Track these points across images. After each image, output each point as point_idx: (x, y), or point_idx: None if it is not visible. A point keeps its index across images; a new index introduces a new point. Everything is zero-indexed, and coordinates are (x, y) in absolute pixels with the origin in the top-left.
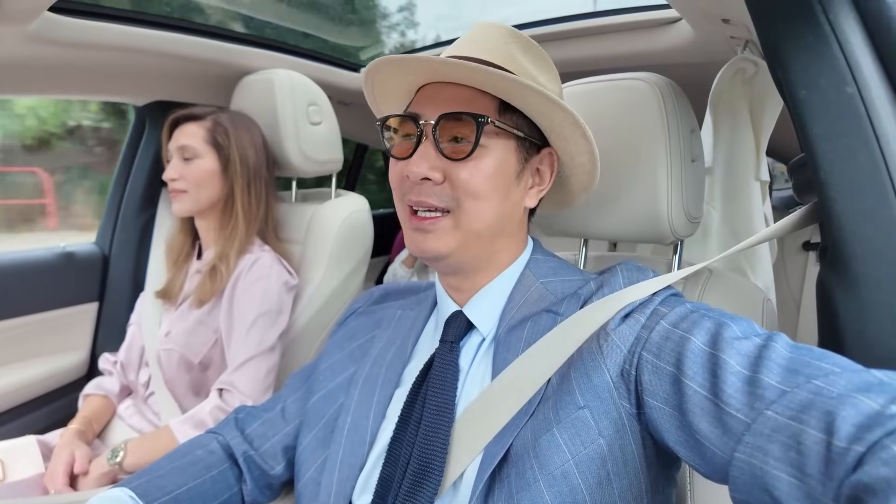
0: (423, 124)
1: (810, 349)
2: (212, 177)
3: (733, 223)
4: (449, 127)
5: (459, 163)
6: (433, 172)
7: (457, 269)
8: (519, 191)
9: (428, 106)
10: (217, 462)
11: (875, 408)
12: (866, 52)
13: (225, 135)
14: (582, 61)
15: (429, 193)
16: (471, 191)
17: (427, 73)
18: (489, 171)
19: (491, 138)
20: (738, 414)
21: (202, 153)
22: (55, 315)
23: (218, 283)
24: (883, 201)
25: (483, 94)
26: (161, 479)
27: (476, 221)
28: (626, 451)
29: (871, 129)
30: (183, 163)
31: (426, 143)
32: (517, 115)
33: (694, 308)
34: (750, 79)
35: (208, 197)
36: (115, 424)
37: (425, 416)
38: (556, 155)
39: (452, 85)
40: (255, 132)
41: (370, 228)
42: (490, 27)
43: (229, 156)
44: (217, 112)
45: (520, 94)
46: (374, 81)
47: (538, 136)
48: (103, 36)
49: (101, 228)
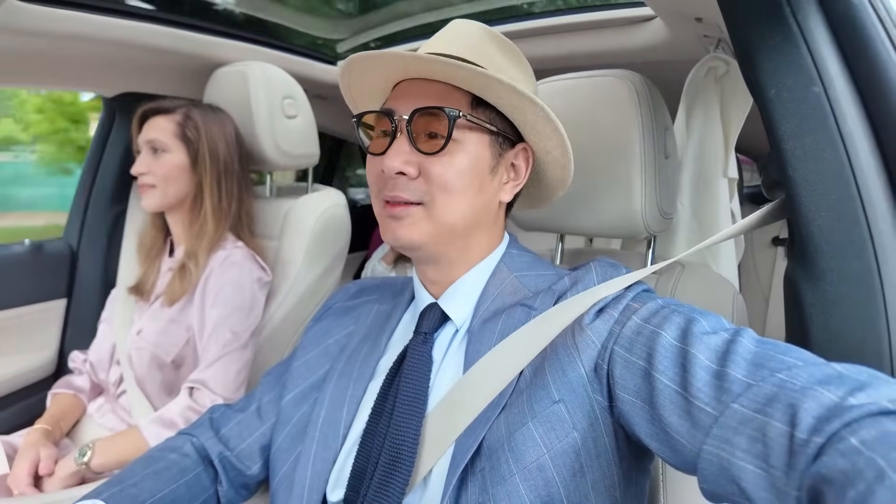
0: (397, 119)
1: (776, 344)
2: (181, 171)
3: (701, 219)
4: (422, 122)
5: (433, 157)
6: (407, 167)
7: (432, 259)
8: (493, 185)
9: (402, 102)
10: (192, 465)
11: (834, 400)
12: (832, 53)
13: (195, 129)
14: (557, 58)
15: (402, 188)
16: (444, 185)
17: (400, 70)
18: (463, 165)
19: (464, 133)
20: (706, 407)
21: (171, 147)
22: (21, 312)
23: (188, 283)
24: (847, 197)
25: (456, 90)
26: (134, 486)
27: (449, 215)
28: (599, 444)
29: (836, 128)
30: (152, 157)
31: (401, 138)
32: (491, 110)
33: (665, 304)
34: (721, 77)
35: (176, 192)
36: (86, 423)
37: (397, 408)
38: (531, 150)
39: (426, 81)
40: (228, 126)
41: (347, 223)
42: (466, 25)
43: (198, 150)
44: (188, 105)
45: (492, 88)
46: (350, 79)
47: (512, 131)
48: (70, 24)
49: (69, 223)
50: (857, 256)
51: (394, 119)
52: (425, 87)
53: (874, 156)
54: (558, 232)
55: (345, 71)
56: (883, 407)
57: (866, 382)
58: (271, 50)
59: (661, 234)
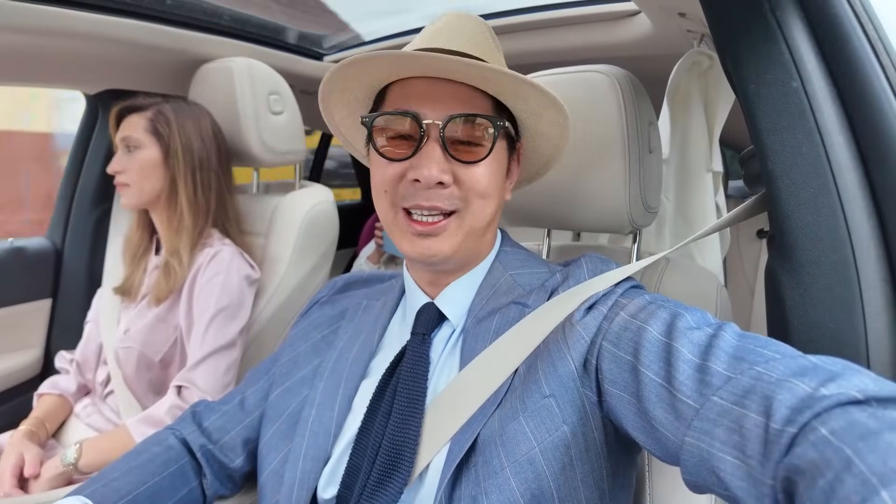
0: (426, 124)
1: (756, 337)
2: (154, 167)
3: (686, 212)
4: (458, 129)
5: (469, 165)
6: (444, 175)
7: (454, 266)
8: (506, 186)
9: (427, 104)
10: (175, 458)
11: (808, 391)
12: (809, 48)
13: (166, 123)
14: (541, 53)
15: (440, 198)
16: (480, 191)
17: (422, 68)
18: (492, 170)
19: (496, 139)
20: (688, 400)
21: (144, 143)
22: (6, 312)
23: (173, 280)
24: (825, 191)
25: (479, 93)
26: (116, 481)
27: (478, 220)
28: (589, 438)
29: (813, 122)
30: (126, 154)
31: (432, 145)
32: (506, 111)
33: (652, 299)
34: (705, 72)
35: (152, 188)
36: (73, 424)
37: (395, 408)
38: (522, 148)
39: (447, 82)
40: (204, 121)
41: (335, 220)
42: (467, 19)
43: (169, 143)
44: (161, 102)
45: (520, 92)
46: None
47: (516, 131)
48: (51, 20)
49: (53, 222)
50: (834, 248)
51: (422, 124)
52: (451, 89)
53: (850, 150)
54: (545, 227)
55: (345, 68)
56: (852, 396)
57: (838, 373)
58: (257, 45)
59: (647, 228)
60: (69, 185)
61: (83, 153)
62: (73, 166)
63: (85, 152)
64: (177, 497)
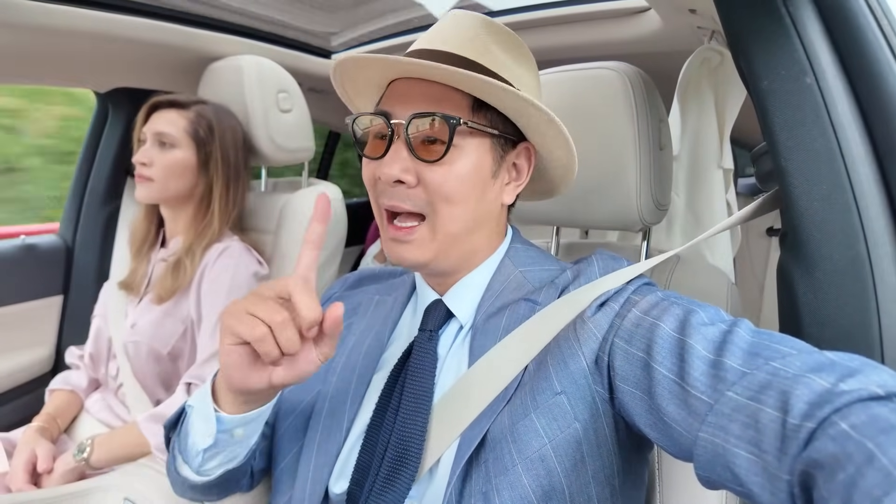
0: (394, 124)
1: (771, 334)
2: (185, 169)
3: (697, 210)
4: (420, 127)
5: (432, 165)
6: (406, 175)
7: (437, 273)
8: (495, 189)
9: (399, 104)
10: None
11: (826, 386)
12: (824, 44)
13: (208, 129)
14: (551, 50)
15: (402, 197)
16: (444, 194)
17: (396, 69)
18: (463, 172)
19: (465, 138)
20: (702, 396)
21: (181, 143)
22: (17, 309)
23: (179, 280)
24: (838, 187)
25: (456, 91)
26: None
27: (451, 225)
28: (600, 435)
29: (827, 118)
30: (158, 148)
31: (398, 144)
32: (492, 111)
33: (664, 296)
34: (715, 68)
35: (177, 189)
36: (84, 419)
37: (403, 404)
38: (534, 149)
39: (424, 81)
40: (238, 129)
41: (344, 218)
42: (464, 18)
43: (210, 153)
44: (201, 103)
45: (494, 93)
46: (342, 77)
47: (514, 131)
48: (62, 19)
49: (64, 220)
50: (848, 245)
51: (390, 123)
52: (423, 88)
53: (865, 145)
54: (554, 224)
55: (336, 73)
56: (873, 392)
57: (857, 369)
58: (265, 43)
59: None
60: (80, 183)
61: (94, 151)
62: (84, 164)
63: (95, 150)
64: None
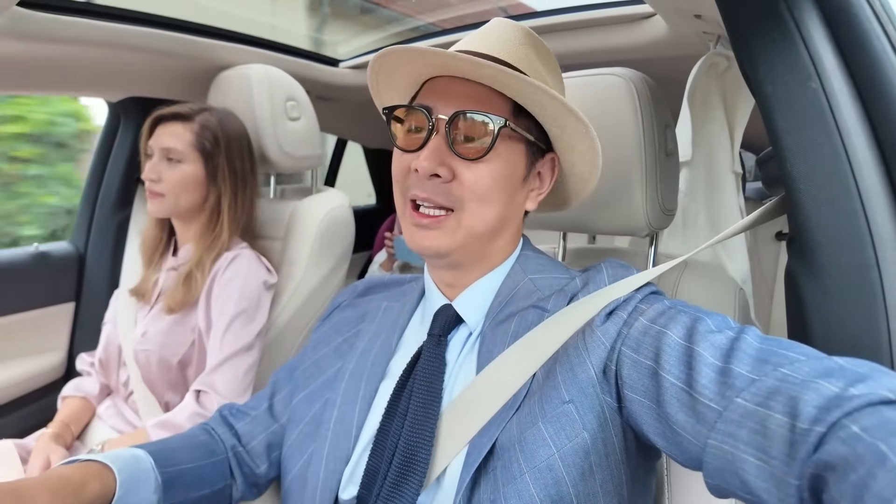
0: (435, 119)
1: (779, 340)
2: (195, 184)
3: (711, 215)
4: (463, 125)
5: (470, 162)
6: (442, 169)
7: (454, 265)
8: (523, 194)
9: (441, 100)
10: (219, 451)
11: (835, 391)
12: (828, 49)
13: (214, 141)
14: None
15: (436, 191)
16: (477, 193)
17: (441, 67)
18: (498, 174)
19: (504, 141)
20: (711, 403)
21: (188, 158)
22: (30, 316)
23: (192, 293)
24: (845, 191)
25: (497, 94)
26: (172, 451)
27: (479, 223)
28: (608, 444)
29: (833, 122)
30: (166, 164)
31: (437, 139)
32: (529, 118)
33: (671, 304)
34: (723, 73)
35: (188, 202)
36: (96, 425)
37: (411, 409)
38: (558, 160)
39: (467, 81)
40: (244, 136)
41: (351, 224)
42: (507, 25)
43: (217, 165)
44: (204, 112)
45: (538, 99)
46: (380, 69)
47: (545, 140)
48: (74, 31)
49: (76, 227)
50: (855, 250)
51: (431, 117)
52: (466, 87)
53: (871, 150)
54: (560, 230)
55: (377, 62)
56: (883, 396)
57: (867, 374)
58: (274, 52)
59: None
60: (92, 191)
61: (105, 159)
62: (96, 172)
63: (107, 158)
64: (213, 488)
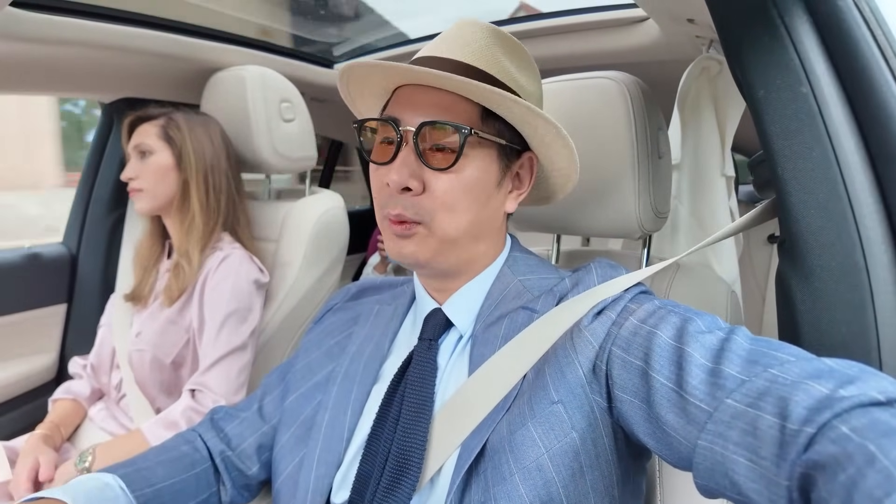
0: (403, 130)
1: (769, 341)
2: (167, 172)
3: (700, 218)
4: (430, 135)
5: (440, 173)
6: (413, 182)
7: (438, 274)
8: (499, 198)
9: (407, 110)
10: (201, 460)
11: (825, 392)
12: (819, 53)
13: (177, 129)
14: (550, 59)
15: (405, 206)
16: (447, 203)
17: (405, 76)
18: (469, 181)
19: (473, 148)
20: (701, 404)
21: (156, 149)
22: (21, 318)
23: (183, 281)
24: (835, 195)
25: (464, 100)
26: (147, 470)
27: (451, 230)
28: (598, 445)
29: (823, 127)
30: (139, 161)
31: (406, 150)
32: (499, 121)
33: (661, 304)
34: (714, 77)
35: (165, 193)
36: (87, 428)
37: (403, 413)
38: (536, 159)
39: (433, 88)
40: (213, 128)
41: (346, 226)
42: (473, 27)
43: (182, 148)
44: (172, 111)
45: (503, 103)
46: (348, 81)
47: (519, 141)
48: (67, 31)
49: (69, 228)
50: (845, 253)
51: (399, 129)
52: (432, 96)
53: (860, 154)
54: (554, 232)
55: (343, 76)
56: (873, 398)
57: (856, 376)
58: (268, 54)
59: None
60: (85, 192)
61: (98, 160)
62: (89, 173)
63: (100, 159)
64: (198, 499)
